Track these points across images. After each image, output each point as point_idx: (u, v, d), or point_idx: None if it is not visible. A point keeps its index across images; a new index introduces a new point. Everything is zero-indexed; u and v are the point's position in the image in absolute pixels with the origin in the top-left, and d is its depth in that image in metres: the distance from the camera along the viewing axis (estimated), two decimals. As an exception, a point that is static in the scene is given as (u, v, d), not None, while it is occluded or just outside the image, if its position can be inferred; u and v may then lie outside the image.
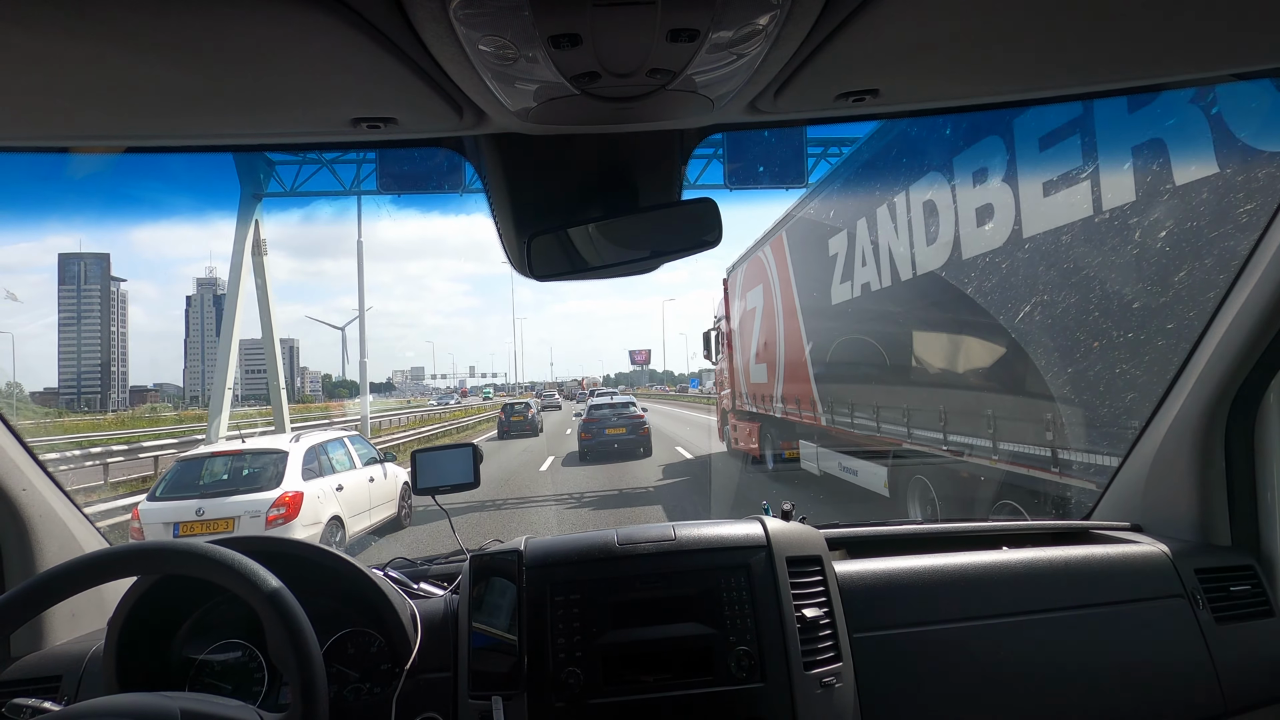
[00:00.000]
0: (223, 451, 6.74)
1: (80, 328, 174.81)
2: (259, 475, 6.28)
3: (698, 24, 0.65)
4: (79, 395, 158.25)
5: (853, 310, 6.23)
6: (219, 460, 6.57)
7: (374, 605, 1.23)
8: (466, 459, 1.50)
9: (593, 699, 1.18)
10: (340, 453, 7.27)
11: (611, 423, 13.96)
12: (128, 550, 0.95)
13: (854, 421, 6.21)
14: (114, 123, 0.87)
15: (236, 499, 6.05)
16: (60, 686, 1.25)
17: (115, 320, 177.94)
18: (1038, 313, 3.79)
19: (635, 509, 8.26)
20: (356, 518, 6.97)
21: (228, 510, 5.96)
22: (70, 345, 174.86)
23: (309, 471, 6.45)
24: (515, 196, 1.13)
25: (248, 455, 6.56)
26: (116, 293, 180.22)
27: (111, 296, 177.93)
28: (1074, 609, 1.37)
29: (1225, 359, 1.49)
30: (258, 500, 5.99)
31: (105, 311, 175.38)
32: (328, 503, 6.48)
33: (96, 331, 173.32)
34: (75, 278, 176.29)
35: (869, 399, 5.91)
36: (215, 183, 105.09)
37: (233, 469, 6.47)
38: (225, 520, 5.91)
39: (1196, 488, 1.58)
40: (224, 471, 6.47)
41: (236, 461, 6.53)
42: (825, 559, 1.33)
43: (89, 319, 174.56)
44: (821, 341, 7.12)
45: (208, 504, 5.98)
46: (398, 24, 0.67)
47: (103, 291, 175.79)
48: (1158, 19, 0.76)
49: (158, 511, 5.97)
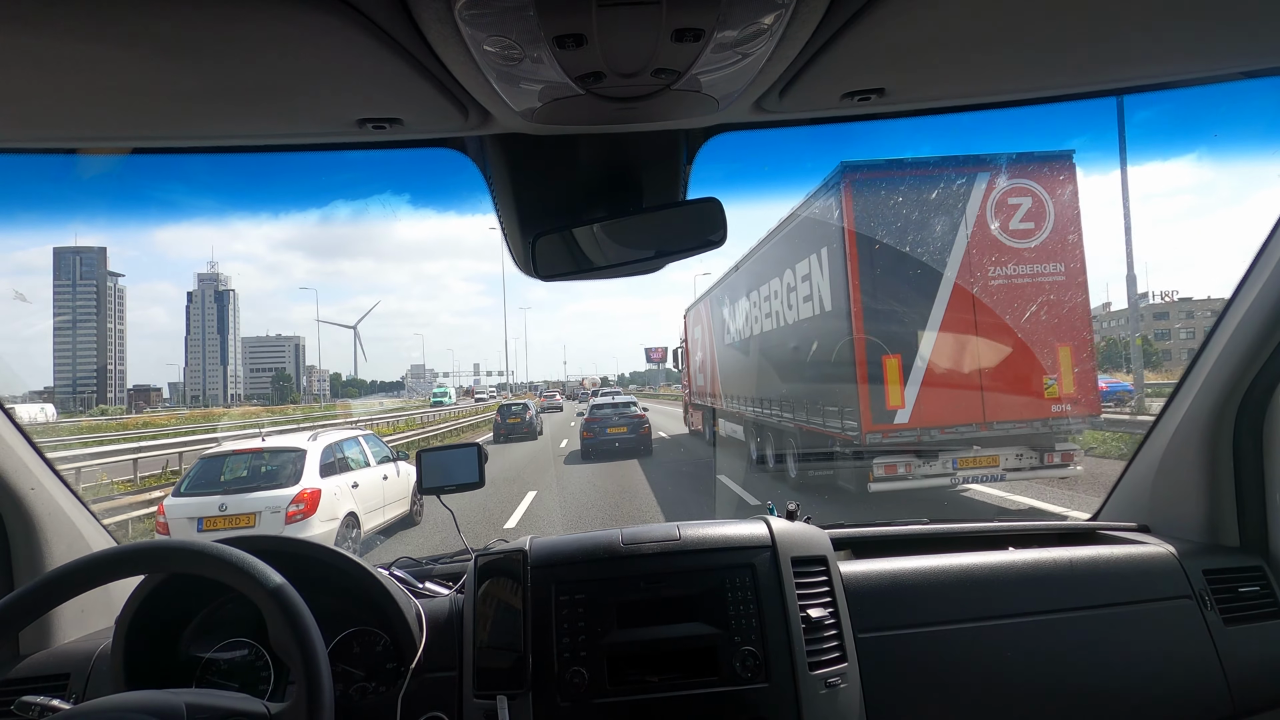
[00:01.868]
0: (243, 449, 6.96)
1: (75, 324, 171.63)
2: (278, 472, 6.45)
3: (703, 23, 0.65)
4: (74, 395, 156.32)
5: (733, 347, 11.97)
6: (240, 458, 6.76)
7: (380, 604, 1.24)
8: (471, 459, 1.51)
9: (597, 699, 1.18)
10: (355, 451, 7.47)
11: (613, 422, 14.04)
12: (134, 549, 0.95)
13: (736, 407, 11.91)
14: (120, 124, 0.87)
15: (257, 495, 6.22)
16: (68, 684, 1.26)
17: (113, 317, 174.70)
18: (797, 354, 8.26)
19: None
20: (371, 514, 7.17)
21: (249, 506, 6.13)
22: (65, 343, 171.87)
23: (326, 469, 6.63)
24: (520, 197, 1.13)
25: (267, 453, 6.78)
26: (114, 288, 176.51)
27: (108, 292, 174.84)
28: (1080, 610, 1.36)
29: (1233, 359, 1.48)
30: (278, 496, 6.15)
31: (101, 308, 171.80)
32: (344, 499, 6.66)
33: (92, 328, 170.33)
34: (70, 272, 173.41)
35: (739, 394, 11.53)
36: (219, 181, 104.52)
37: (253, 466, 6.65)
38: (247, 515, 6.10)
39: (1204, 488, 1.57)
40: (245, 469, 6.64)
41: (256, 459, 6.72)
42: (830, 559, 1.33)
43: (85, 315, 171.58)
44: (723, 363, 12.98)
45: (230, 500, 6.16)
46: (403, 25, 0.67)
47: (99, 287, 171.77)
48: (1163, 18, 0.76)
49: (182, 507, 6.18)
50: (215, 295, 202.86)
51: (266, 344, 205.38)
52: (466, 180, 1.11)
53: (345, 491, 6.75)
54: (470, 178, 1.09)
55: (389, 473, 7.83)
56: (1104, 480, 7.59)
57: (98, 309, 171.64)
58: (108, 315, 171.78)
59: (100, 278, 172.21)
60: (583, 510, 8.50)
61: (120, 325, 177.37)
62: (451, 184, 38.70)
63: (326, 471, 6.62)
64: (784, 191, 10.49)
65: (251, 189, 38.50)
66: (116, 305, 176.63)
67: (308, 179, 69.14)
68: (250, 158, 1.04)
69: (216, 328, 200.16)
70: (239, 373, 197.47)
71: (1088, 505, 6.43)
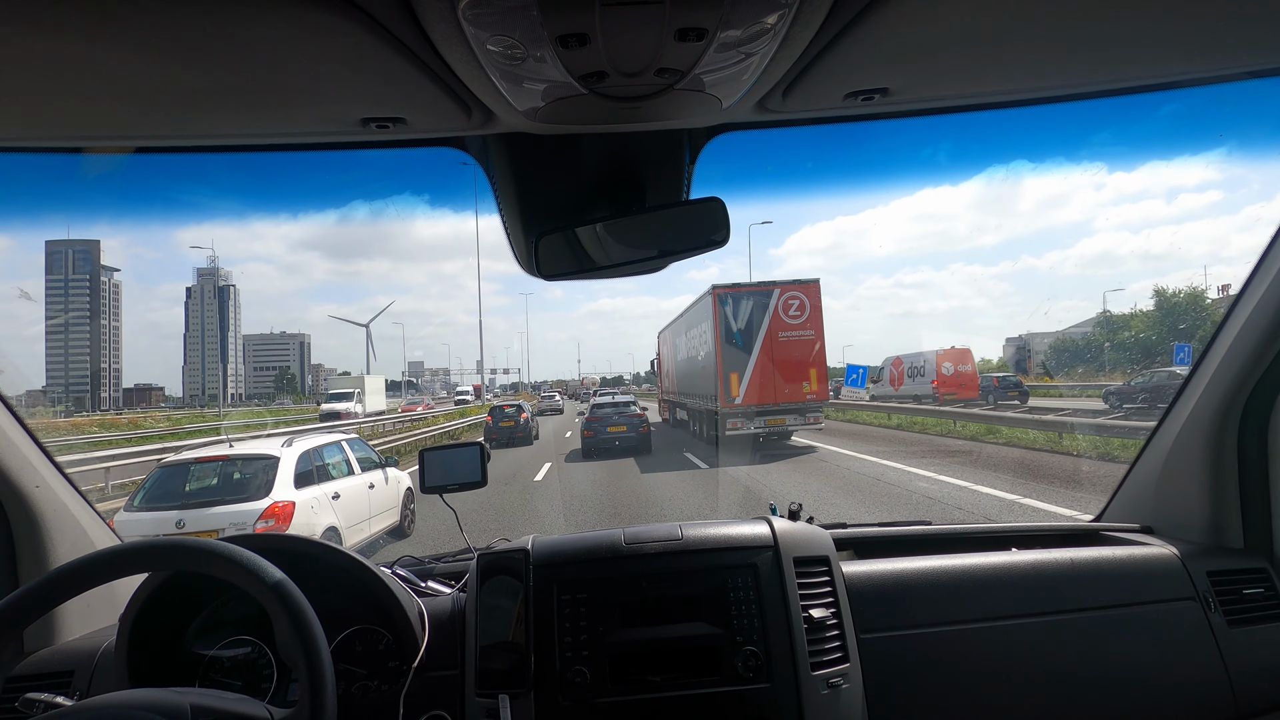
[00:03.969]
0: (208, 457, 6.17)
1: (68, 322, 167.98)
2: (247, 484, 5.75)
3: (706, 23, 0.65)
4: (67, 394, 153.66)
5: (681, 364, 18.55)
6: (203, 467, 6.03)
7: (382, 603, 1.24)
8: (474, 458, 1.51)
9: (599, 698, 1.18)
10: (338, 458, 6.76)
11: (613, 421, 14.21)
12: (138, 547, 0.95)
13: (679, 400, 19.46)
14: (125, 122, 0.87)
15: (221, 509, 5.49)
16: (72, 682, 1.26)
17: (108, 314, 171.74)
18: (698, 370, 15.94)
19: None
20: (355, 528, 6.51)
21: (210, 522, 5.40)
22: (58, 342, 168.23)
23: (302, 479, 5.95)
24: (523, 196, 1.13)
25: (236, 461, 5.99)
26: (108, 283, 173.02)
27: (103, 287, 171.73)
28: (1084, 611, 1.36)
29: (1238, 360, 1.47)
30: (244, 511, 5.44)
31: (95, 303, 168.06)
32: (323, 512, 6.00)
33: (85, 325, 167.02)
34: (63, 267, 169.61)
35: (680, 392, 19.07)
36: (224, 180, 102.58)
37: (218, 477, 5.94)
38: (208, 533, 5.21)
39: (1209, 489, 1.56)
40: (209, 479, 5.94)
41: (224, 468, 5.98)
42: (833, 559, 1.33)
43: (78, 312, 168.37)
44: (678, 373, 19.33)
45: (189, 515, 5.44)
46: (407, 24, 0.67)
47: (92, 282, 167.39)
48: (1167, 18, 0.76)
49: (134, 523, 5.45)
50: (215, 291, 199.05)
51: (270, 341, 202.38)
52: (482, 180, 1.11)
53: (324, 503, 6.05)
54: (483, 178, 1.09)
55: (375, 480, 7.14)
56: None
57: (91, 305, 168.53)
58: (102, 312, 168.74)
59: (94, 273, 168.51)
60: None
61: (115, 322, 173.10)
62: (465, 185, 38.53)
63: (302, 481, 5.92)
64: (787, 192, 11.37)
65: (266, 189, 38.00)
66: (111, 301, 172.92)
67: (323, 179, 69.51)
68: (263, 157, 1.04)
69: (217, 325, 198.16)
70: (240, 371, 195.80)
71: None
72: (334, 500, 6.28)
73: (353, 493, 6.66)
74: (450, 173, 6.76)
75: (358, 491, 6.78)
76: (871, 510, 7.69)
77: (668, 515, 9.12)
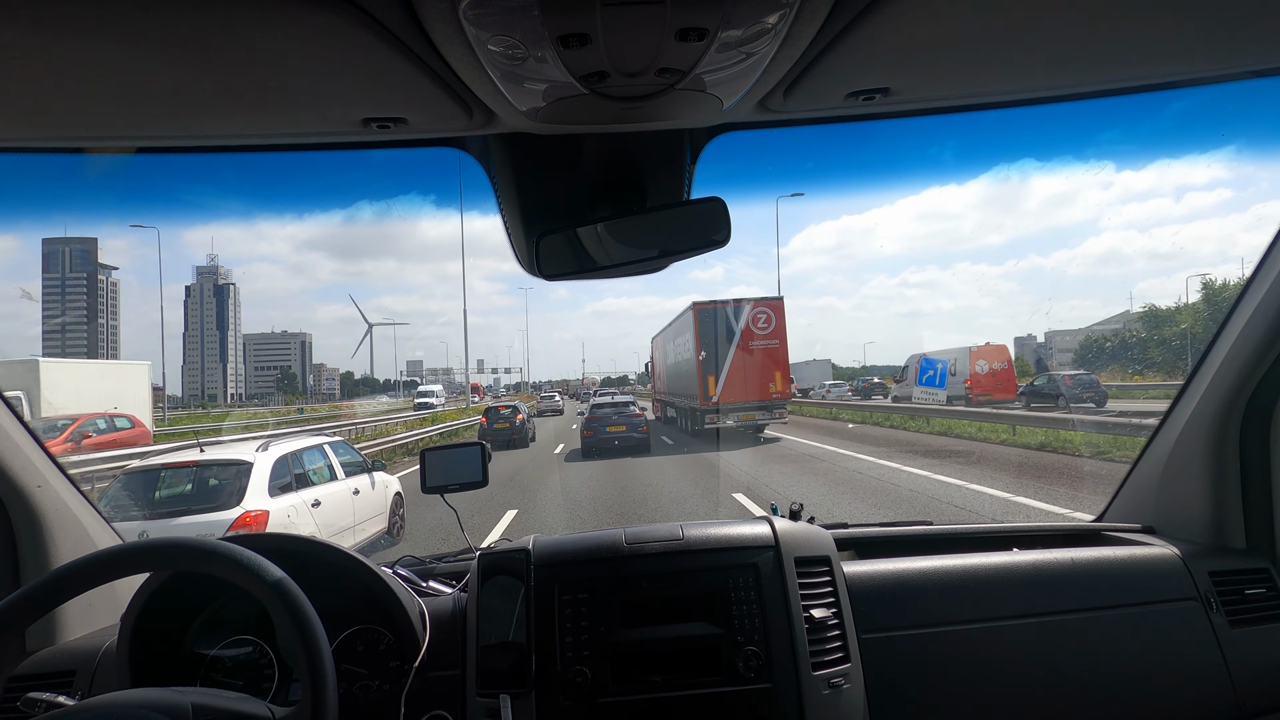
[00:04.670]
0: (175, 463, 5.76)
1: (65, 319, 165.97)
2: (217, 492, 5.35)
3: (707, 23, 0.65)
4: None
5: (670, 367, 21.43)
6: (171, 474, 5.62)
7: (383, 603, 1.24)
8: (475, 458, 1.51)
9: (600, 698, 1.18)
10: (319, 463, 6.34)
11: (612, 421, 14.26)
12: (140, 547, 0.95)
13: (668, 399, 22.38)
14: (127, 123, 0.87)
15: (188, 520, 5.06)
16: (74, 681, 1.26)
17: (105, 312, 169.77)
18: (683, 373, 18.87)
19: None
20: (338, 536, 5.99)
21: (177, 534, 4.91)
22: (54, 340, 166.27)
23: (279, 486, 5.54)
24: (524, 196, 1.13)
25: (208, 467, 5.55)
26: (106, 281, 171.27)
27: (101, 286, 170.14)
28: (1085, 611, 1.36)
29: (1240, 360, 1.47)
30: (213, 521, 4.98)
31: (93, 302, 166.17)
32: (302, 521, 5.61)
33: (83, 324, 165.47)
34: (59, 265, 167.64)
35: (669, 391, 21.94)
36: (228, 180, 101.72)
37: (185, 484, 5.55)
38: None
39: (1210, 489, 1.56)
40: (176, 487, 5.53)
41: (191, 475, 5.58)
42: (834, 559, 1.33)
43: (74, 309, 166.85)
44: (669, 375, 21.76)
45: (153, 526, 5.03)
46: (408, 24, 0.67)
47: (89, 280, 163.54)
48: (1169, 17, 0.75)
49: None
50: (214, 289, 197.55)
51: (271, 341, 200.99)
52: (480, 179, 1.11)
53: (304, 511, 5.63)
54: (480, 177, 1.09)
55: (361, 485, 6.75)
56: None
57: (89, 303, 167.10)
58: (99, 310, 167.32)
59: (92, 271, 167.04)
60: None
61: (113, 321, 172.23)
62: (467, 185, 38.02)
63: (279, 489, 5.51)
64: (788, 192, 11.91)
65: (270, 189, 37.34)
66: (109, 299, 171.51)
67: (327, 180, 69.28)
68: (266, 157, 1.03)
69: (216, 324, 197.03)
70: (240, 371, 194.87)
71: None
72: (314, 508, 5.85)
73: (335, 499, 6.26)
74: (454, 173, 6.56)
75: (341, 498, 6.39)
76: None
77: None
